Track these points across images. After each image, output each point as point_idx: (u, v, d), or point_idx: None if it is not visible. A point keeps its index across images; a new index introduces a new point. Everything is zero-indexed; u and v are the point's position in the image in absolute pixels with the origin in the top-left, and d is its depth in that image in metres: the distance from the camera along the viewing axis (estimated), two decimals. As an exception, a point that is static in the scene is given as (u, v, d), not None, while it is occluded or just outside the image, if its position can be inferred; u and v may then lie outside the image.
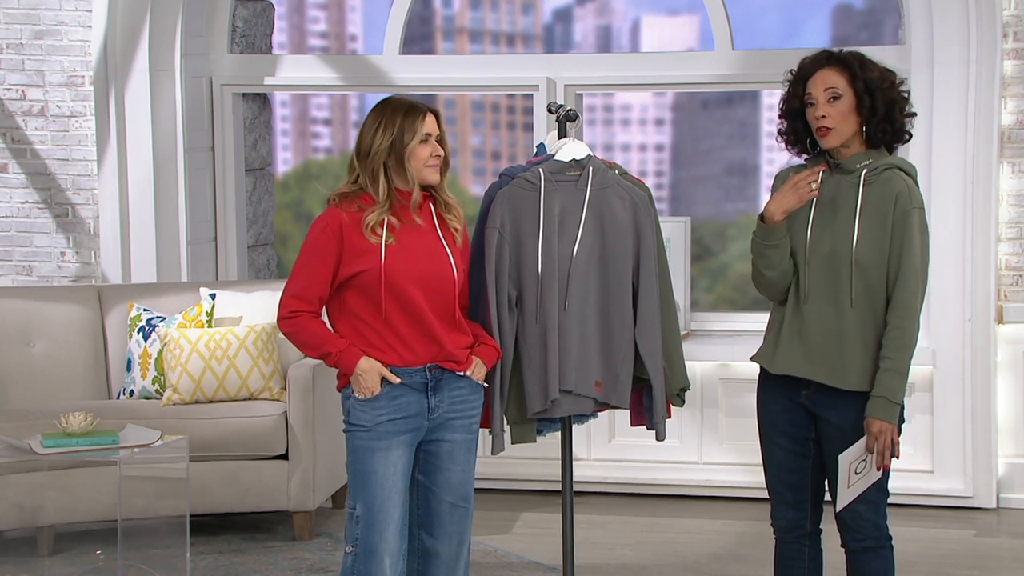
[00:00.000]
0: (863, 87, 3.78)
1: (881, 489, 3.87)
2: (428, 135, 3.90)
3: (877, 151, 3.84)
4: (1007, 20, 6.12)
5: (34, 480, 5.57)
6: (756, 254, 3.88)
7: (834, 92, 3.79)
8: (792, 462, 3.94)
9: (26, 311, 6.10)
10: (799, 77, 3.87)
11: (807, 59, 3.87)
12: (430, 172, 3.92)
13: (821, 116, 3.80)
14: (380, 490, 3.88)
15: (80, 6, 6.71)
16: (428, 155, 3.90)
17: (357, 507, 3.90)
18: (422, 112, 3.90)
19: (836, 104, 3.79)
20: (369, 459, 3.89)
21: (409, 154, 3.89)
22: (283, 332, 3.93)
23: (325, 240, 3.88)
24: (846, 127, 3.80)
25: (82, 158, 6.79)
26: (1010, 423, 6.25)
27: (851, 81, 3.79)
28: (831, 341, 3.80)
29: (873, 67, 3.81)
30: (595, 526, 6.03)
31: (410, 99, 3.95)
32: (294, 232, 8.18)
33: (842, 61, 3.82)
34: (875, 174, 3.80)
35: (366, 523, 3.89)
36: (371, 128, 3.90)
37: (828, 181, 3.85)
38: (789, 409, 3.91)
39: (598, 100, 7.95)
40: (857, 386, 3.79)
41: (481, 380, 4.01)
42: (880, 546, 3.89)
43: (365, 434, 3.89)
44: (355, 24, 8.49)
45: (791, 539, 4.00)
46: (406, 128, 3.88)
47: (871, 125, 3.80)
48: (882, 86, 3.79)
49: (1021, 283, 6.23)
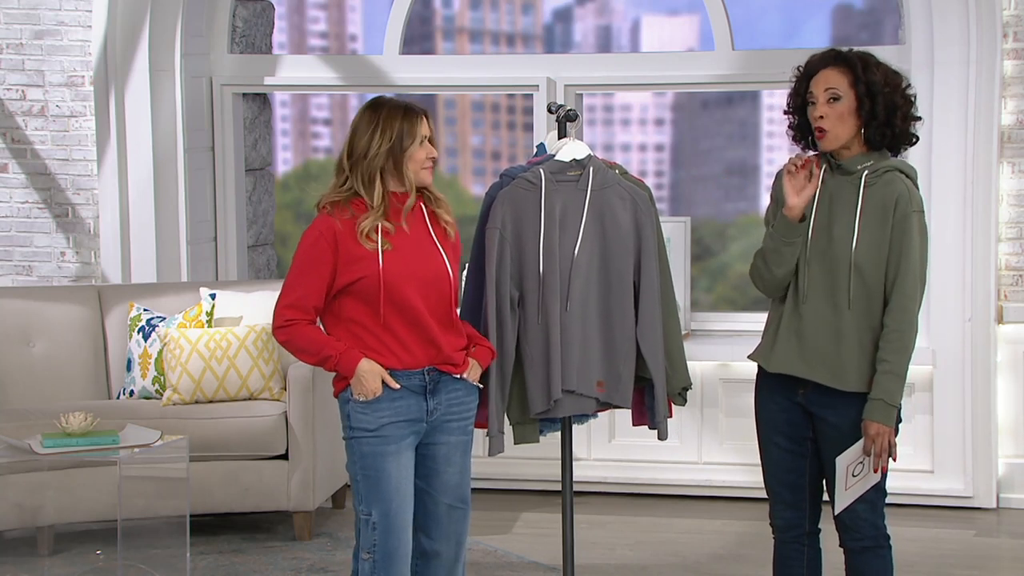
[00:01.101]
0: (864, 90, 3.78)
1: (879, 489, 3.87)
2: (425, 137, 3.89)
3: (879, 153, 3.84)
4: (1007, 20, 6.12)
5: (34, 480, 5.57)
6: (772, 251, 3.86)
7: (834, 93, 3.79)
8: (790, 461, 3.94)
9: (26, 311, 6.10)
10: (805, 74, 3.87)
11: (815, 56, 3.87)
12: (426, 174, 3.90)
13: (819, 117, 3.80)
14: (396, 494, 3.86)
15: (80, 6, 6.71)
16: (424, 157, 3.88)
17: (373, 513, 3.86)
18: (419, 114, 3.88)
19: (835, 105, 3.79)
20: (381, 464, 3.86)
21: (408, 157, 3.87)
22: (279, 341, 3.89)
23: (320, 250, 3.84)
24: (843, 130, 3.80)
25: (82, 158, 6.79)
26: (1010, 423, 6.25)
27: (853, 83, 3.79)
28: (829, 341, 3.80)
29: (877, 70, 3.80)
30: (595, 526, 6.03)
31: (402, 100, 3.92)
32: (294, 232, 8.18)
33: (847, 62, 3.81)
34: (875, 176, 3.80)
35: (384, 529, 3.86)
36: (366, 131, 3.84)
37: (829, 181, 3.85)
38: (787, 409, 3.91)
39: (598, 100, 7.95)
40: (855, 387, 3.79)
41: (476, 381, 4.01)
42: (878, 545, 3.89)
43: (373, 439, 3.87)
44: (355, 24, 8.49)
45: (789, 539, 4.00)
46: (406, 131, 3.85)
47: (870, 128, 3.80)
48: (884, 90, 3.78)
49: (1021, 283, 6.23)
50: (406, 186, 3.89)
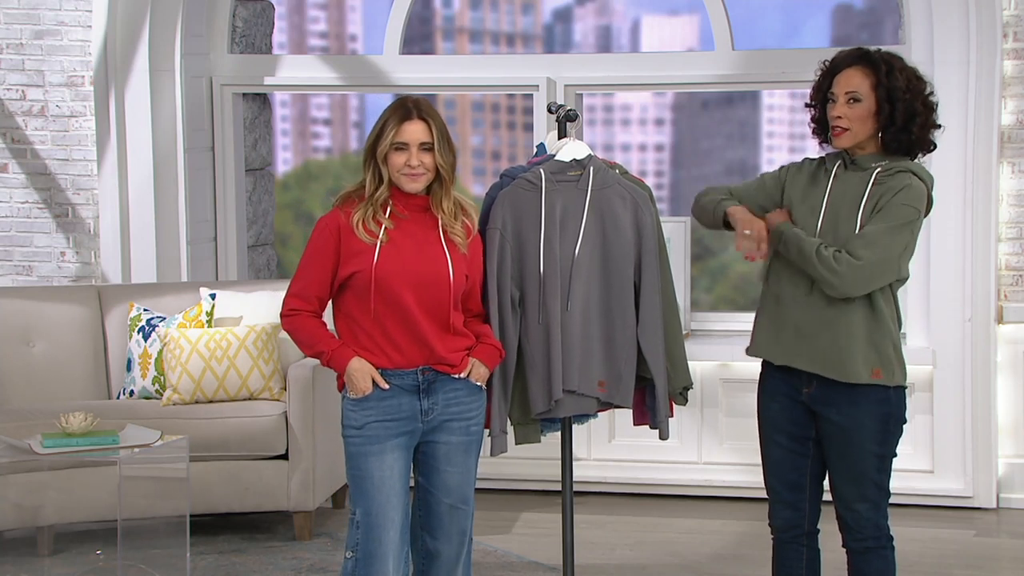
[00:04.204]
0: (885, 95, 3.76)
1: (882, 489, 3.87)
2: (404, 144, 3.83)
3: (894, 156, 3.83)
4: (1007, 20, 6.12)
5: (34, 480, 5.57)
6: (707, 211, 4.02)
7: (855, 95, 3.78)
8: (792, 461, 3.94)
9: (26, 311, 6.10)
10: (830, 70, 3.86)
11: (842, 52, 3.87)
12: (405, 180, 3.86)
13: (837, 116, 3.80)
14: (378, 494, 3.88)
15: (80, 6, 6.71)
16: (402, 163, 3.84)
17: (357, 512, 3.89)
18: (402, 119, 3.83)
19: (854, 107, 3.79)
20: (364, 464, 3.88)
21: (382, 157, 3.86)
22: (284, 329, 3.95)
23: (323, 241, 3.88)
24: (861, 130, 3.80)
25: (82, 158, 6.79)
26: (1010, 423, 6.25)
27: (874, 86, 3.77)
28: (830, 335, 3.80)
29: (902, 74, 3.78)
30: (595, 526, 6.03)
31: (410, 102, 3.88)
32: (294, 232, 8.19)
33: (872, 63, 3.79)
34: (887, 175, 3.79)
35: (366, 528, 3.88)
36: (376, 123, 3.89)
37: (840, 178, 3.84)
38: (789, 408, 3.91)
39: (598, 100, 7.95)
40: (856, 378, 3.78)
41: (480, 381, 4.00)
42: (881, 546, 3.89)
43: (358, 439, 3.88)
44: (355, 24, 8.50)
45: (788, 538, 4.00)
46: (384, 132, 3.84)
47: (887, 133, 3.80)
48: (904, 96, 3.76)
49: (1021, 283, 6.23)
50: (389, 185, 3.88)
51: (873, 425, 3.81)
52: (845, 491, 3.87)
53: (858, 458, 3.83)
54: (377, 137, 3.86)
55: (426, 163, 3.85)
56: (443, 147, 3.87)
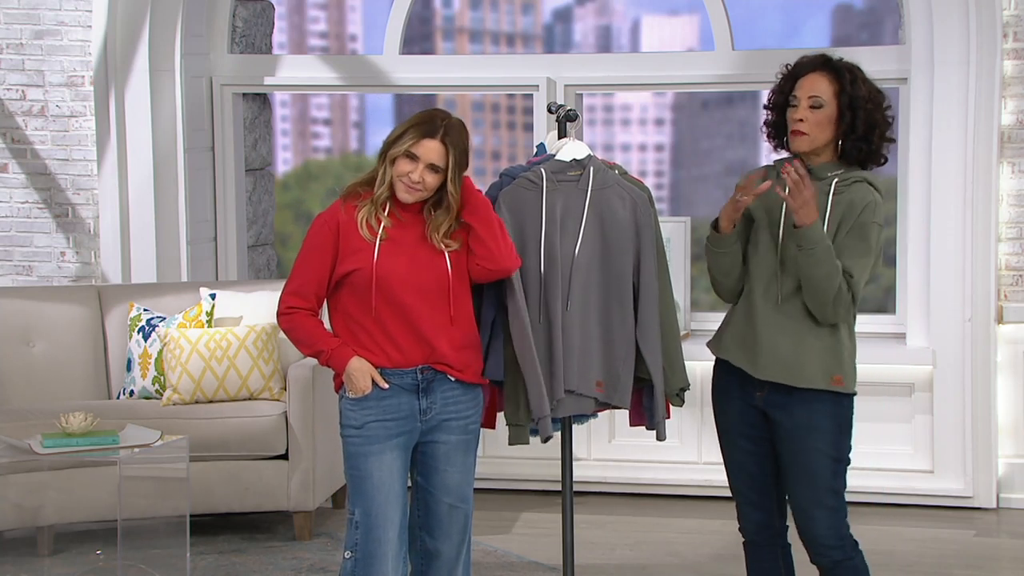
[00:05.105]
0: (847, 102, 3.76)
1: (839, 495, 3.83)
2: (416, 156, 3.82)
3: (848, 165, 3.83)
4: (1007, 20, 6.12)
5: (34, 480, 5.57)
6: (710, 260, 3.90)
7: (817, 100, 3.78)
8: (755, 462, 3.93)
9: (26, 311, 6.10)
10: (792, 74, 3.86)
11: (805, 58, 3.86)
12: (401, 188, 3.86)
13: (799, 120, 3.79)
14: (377, 494, 3.88)
15: (80, 6, 6.71)
16: (405, 172, 3.84)
17: (356, 512, 3.89)
18: (424, 135, 3.82)
19: (816, 112, 3.78)
20: (363, 464, 3.88)
21: (391, 159, 3.86)
22: (281, 328, 3.95)
23: (321, 238, 3.88)
24: (820, 136, 3.79)
25: (82, 158, 6.79)
26: (1010, 423, 6.25)
27: (837, 93, 3.77)
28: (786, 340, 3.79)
29: (864, 85, 3.78)
30: (595, 526, 6.03)
31: (440, 119, 3.86)
32: (294, 232, 8.19)
33: (835, 71, 3.80)
34: (845, 185, 3.79)
35: (365, 528, 3.88)
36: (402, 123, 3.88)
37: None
38: (744, 410, 3.91)
39: (598, 100, 7.95)
40: (813, 383, 3.77)
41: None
42: (848, 557, 3.84)
43: (357, 439, 3.88)
44: (355, 24, 8.49)
45: (763, 541, 3.98)
46: (403, 138, 3.84)
47: (847, 141, 3.80)
48: (867, 106, 3.77)
49: (1021, 283, 6.23)
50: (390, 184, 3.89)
51: (828, 426, 3.80)
52: (801, 496, 3.84)
53: (812, 460, 3.80)
54: (397, 138, 3.86)
55: (428, 182, 3.85)
56: (455, 176, 3.86)
